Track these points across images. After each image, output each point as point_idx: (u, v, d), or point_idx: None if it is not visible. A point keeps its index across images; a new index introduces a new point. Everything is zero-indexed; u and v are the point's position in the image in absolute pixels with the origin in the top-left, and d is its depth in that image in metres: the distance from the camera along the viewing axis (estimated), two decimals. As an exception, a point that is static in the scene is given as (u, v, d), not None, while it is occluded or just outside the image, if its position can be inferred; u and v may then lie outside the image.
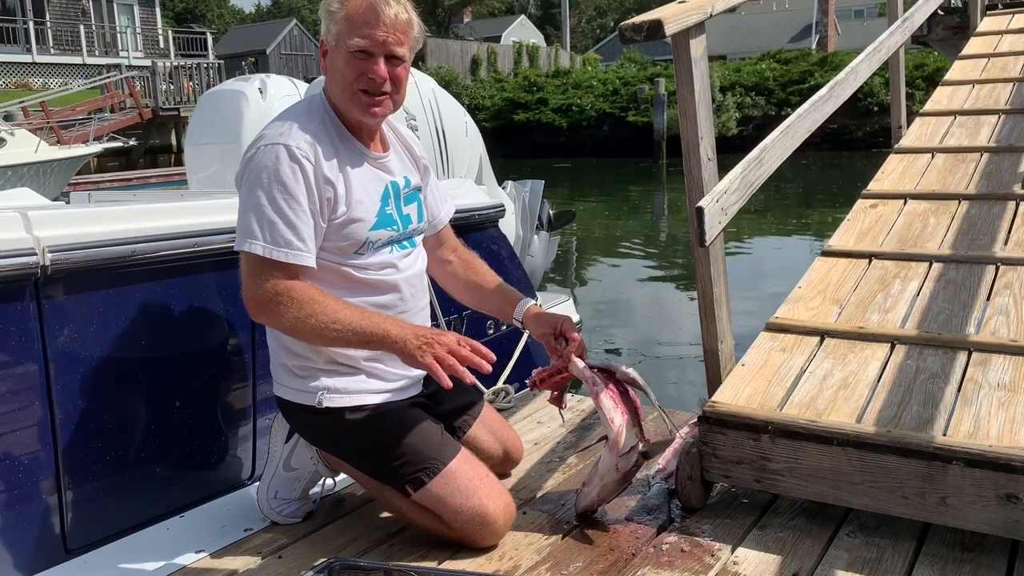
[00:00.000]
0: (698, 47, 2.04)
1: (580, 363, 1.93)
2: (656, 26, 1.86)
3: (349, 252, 1.86)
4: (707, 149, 2.09)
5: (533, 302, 2.09)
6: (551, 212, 5.45)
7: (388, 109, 1.89)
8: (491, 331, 3.12)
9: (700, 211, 1.94)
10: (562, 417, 2.38)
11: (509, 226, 4.12)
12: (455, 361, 1.72)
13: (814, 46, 36.24)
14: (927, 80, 19.89)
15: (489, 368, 1.75)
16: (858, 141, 22.21)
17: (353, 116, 1.88)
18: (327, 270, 1.84)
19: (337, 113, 1.89)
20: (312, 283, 1.80)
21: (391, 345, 1.77)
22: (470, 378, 1.75)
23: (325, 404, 1.87)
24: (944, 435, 1.84)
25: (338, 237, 1.84)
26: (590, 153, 24.72)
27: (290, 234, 1.75)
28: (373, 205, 1.89)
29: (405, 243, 1.98)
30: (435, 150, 3.72)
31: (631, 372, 1.95)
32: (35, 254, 1.76)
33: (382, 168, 1.95)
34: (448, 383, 1.73)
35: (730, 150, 6.66)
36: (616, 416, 1.89)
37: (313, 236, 1.79)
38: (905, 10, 4.18)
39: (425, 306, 2.06)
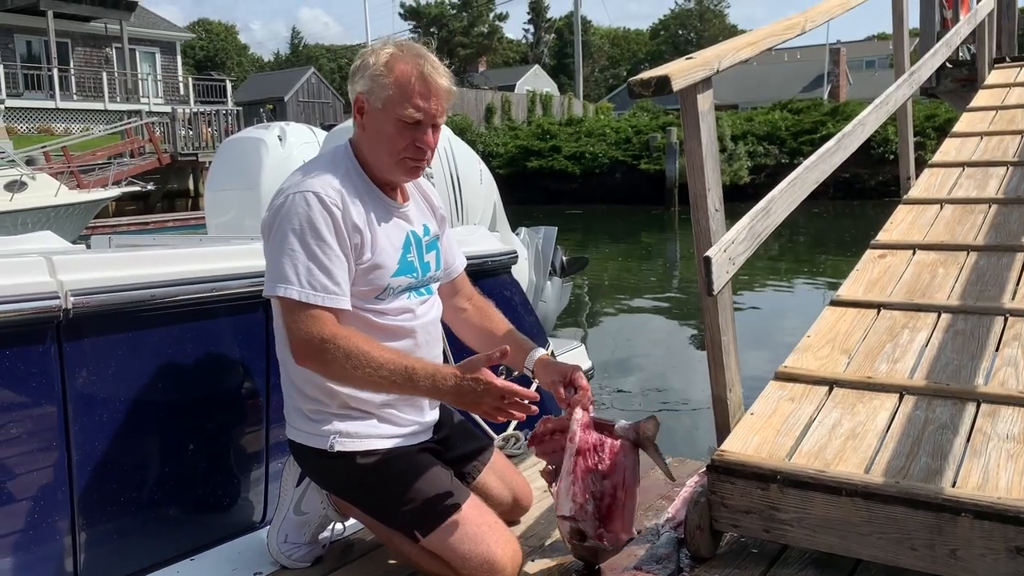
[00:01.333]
0: (705, 102, 2.09)
1: (579, 414, 1.93)
2: (663, 82, 1.91)
3: (370, 297, 1.90)
4: (714, 200, 2.12)
5: (543, 351, 2.11)
6: (564, 258, 5.50)
7: (424, 169, 1.97)
8: (503, 377, 3.14)
9: (708, 261, 1.98)
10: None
11: (522, 272, 4.16)
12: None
13: (826, 96, 36.60)
14: (938, 131, 20.00)
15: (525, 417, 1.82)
16: (871, 190, 22.27)
17: (394, 177, 1.95)
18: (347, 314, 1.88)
19: (363, 165, 1.95)
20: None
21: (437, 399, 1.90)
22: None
23: (337, 448, 1.89)
24: (953, 486, 1.84)
25: (362, 283, 1.88)
26: (602, 200, 24.88)
27: (325, 278, 1.79)
28: (395, 252, 1.93)
29: (423, 290, 2.02)
30: (450, 197, 3.78)
31: (622, 422, 1.97)
32: (58, 298, 1.80)
33: (403, 217, 2.00)
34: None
35: (742, 198, 6.73)
36: (564, 478, 1.88)
37: (347, 279, 1.84)
38: (913, 63, 4.24)
39: (438, 355, 2.09)
